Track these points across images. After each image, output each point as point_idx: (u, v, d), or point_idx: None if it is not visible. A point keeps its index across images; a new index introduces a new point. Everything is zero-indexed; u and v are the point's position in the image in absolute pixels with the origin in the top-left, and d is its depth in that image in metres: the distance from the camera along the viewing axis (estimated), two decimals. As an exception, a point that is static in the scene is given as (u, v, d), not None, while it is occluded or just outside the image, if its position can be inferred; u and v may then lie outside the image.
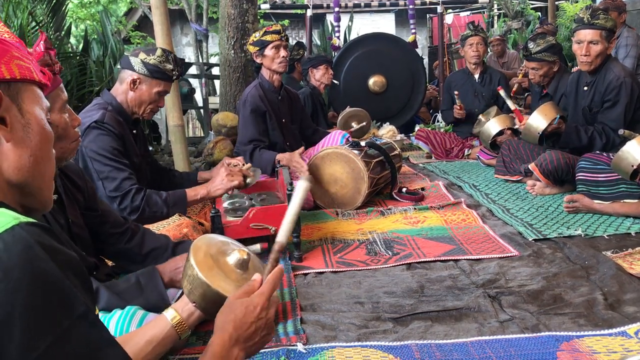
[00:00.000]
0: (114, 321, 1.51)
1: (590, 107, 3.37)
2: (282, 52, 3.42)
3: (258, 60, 3.49)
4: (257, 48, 3.43)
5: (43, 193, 0.90)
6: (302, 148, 3.38)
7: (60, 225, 1.61)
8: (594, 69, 3.29)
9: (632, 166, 2.65)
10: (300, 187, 1.21)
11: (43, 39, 1.55)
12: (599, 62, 3.26)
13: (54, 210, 1.62)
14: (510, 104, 3.79)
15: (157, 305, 1.59)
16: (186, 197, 2.49)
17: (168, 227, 2.25)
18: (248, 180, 2.65)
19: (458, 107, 4.83)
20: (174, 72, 2.52)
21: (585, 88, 3.39)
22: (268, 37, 3.41)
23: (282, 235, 1.19)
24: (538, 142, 3.55)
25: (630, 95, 3.18)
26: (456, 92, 4.89)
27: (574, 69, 3.70)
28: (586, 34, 3.22)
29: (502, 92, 3.99)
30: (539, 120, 3.44)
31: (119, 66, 3.56)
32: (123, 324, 1.51)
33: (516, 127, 3.82)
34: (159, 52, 2.49)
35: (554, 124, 3.40)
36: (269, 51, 3.42)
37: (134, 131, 2.57)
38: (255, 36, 3.46)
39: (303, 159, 3.26)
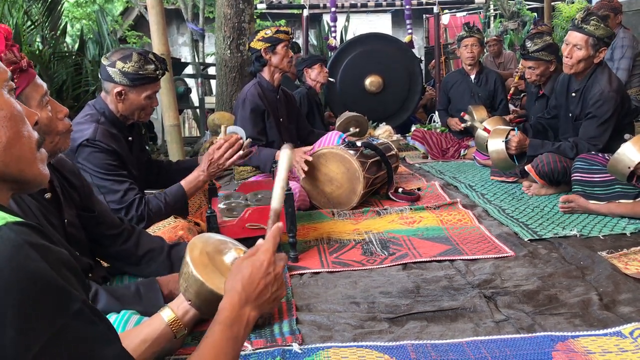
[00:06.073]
0: None
1: (576, 116, 3.33)
2: (290, 52, 3.53)
3: (266, 57, 3.50)
4: (268, 44, 3.46)
5: (25, 174, 0.85)
6: (308, 148, 3.34)
7: (52, 225, 1.57)
8: (575, 73, 3.23)
9: (629, 168, 2.65)
10: (284, 155, 1.26)
11: (3, 35, 1.36)
12: (581, 68, 3.18)
13: (46, 210, 1.59)
14: (479, 125, 3.73)
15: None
16: (184, 191, 2.45)
17: (164, 229, 2.23)
18: (244, 144, 2.53)
19: (460, 126, 4.84)
20: (157, 72, 2.37)
21: (574, 94, 3.34)
22: (281, 36, 3.47)
23: (276, 201, 1.23)
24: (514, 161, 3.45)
25: (613, 111, 3.09)
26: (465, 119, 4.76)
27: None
28: (572, 37, 3.16)
29: (466, 117, 4.17)
30: (497, 142, 3.37)
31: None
32: (118, 327, 1.50)
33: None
34: (135, 57, 2.31)
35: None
36: (280, 49, 3.47)
37: (130, 138, 2.48)
38: (267, 33, 3.48)
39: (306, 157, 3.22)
